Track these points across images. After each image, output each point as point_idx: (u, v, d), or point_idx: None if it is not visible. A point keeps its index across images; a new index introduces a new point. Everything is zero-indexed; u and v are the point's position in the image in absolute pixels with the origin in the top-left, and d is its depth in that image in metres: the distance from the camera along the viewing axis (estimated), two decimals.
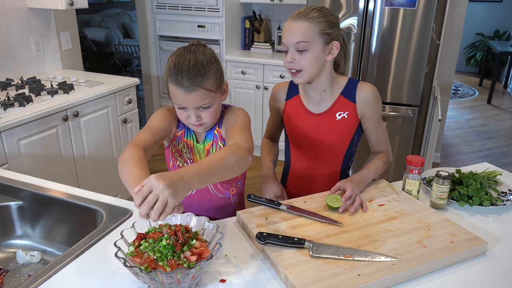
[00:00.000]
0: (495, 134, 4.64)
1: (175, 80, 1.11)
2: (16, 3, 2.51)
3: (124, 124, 2.67)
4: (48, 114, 2.10)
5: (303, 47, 1.22)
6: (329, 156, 1.40)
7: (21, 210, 1.35)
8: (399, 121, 3.08)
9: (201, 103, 1.13)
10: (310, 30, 1.21)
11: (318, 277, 0.91)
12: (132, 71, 5.34)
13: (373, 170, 1.35)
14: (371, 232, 1.09)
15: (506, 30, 7.04)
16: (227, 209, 1.36)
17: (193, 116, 1.16)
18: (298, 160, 1.46)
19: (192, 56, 1.12)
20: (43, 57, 2.75)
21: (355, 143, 1.41)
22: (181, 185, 0.86)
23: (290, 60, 1.24)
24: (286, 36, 1.24)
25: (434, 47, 3.22)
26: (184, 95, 1.11)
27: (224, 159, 0.98)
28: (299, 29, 1.21)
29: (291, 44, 1.23)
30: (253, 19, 3.83)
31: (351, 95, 1.33)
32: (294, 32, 1.22)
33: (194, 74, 1.10)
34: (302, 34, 1.21)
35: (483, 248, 1.05)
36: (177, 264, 0.85)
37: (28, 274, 1.21)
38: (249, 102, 3.54)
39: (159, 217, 0.84)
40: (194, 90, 1.10)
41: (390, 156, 1.43)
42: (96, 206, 1.24)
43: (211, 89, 1.13)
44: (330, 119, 1.35)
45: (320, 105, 1.35)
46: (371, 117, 1.34)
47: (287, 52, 1.25)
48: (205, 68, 1.11)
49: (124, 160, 1.03)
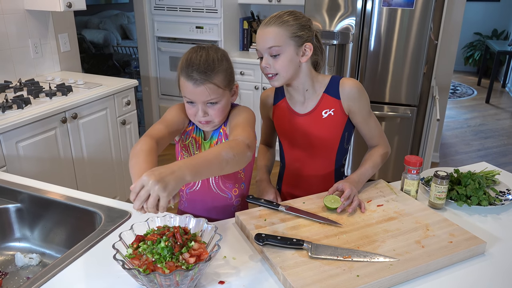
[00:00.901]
0: (494, 134, 4.65)
1: (186, 73, 1.15)
2: (14, 5, 2.51)
3: (122, 126, 2.67)
4: (47, 116, 2.10)
5: (276, 51, 1.25)
6: (321, 155, 1.42)
7: (19, 213, 1.35)
8: (398, 121, 3.08)
9: (209, 98, 1.16)
10: (280, 35, 1.24)
11: (317, 278, 0.91)
12: (130, 72, 5.34)
13: (370, 167, 1.36)
14: (369, 233, 1.09)
15: (504, 29, 7.06)
16: (229, 210, 1.36)
17: (200, 111, 1.18)
18: (292, 161, 1.47)
19: (204, 52, 1.17)
20: (41, 59, 2.75)
21: (346, 140, 1.42)
22: (171, 179, 0.87)
23: (265, 66, 1.28)
24: (259, 42, 1.27)
25: (432, 47, 3.22)
26: (193, 88, 1.15)
27: (220, 153, 0.99)
28: (270, 34, 1.24)
29: (264, 50, 1.26)
30: (251, 20, 3.83)
31: (334, 92, 1.34)
32: (265, 38, 1.25)
33: (204, 68, 1.14)
34: (273, 39, 1.24)
35: (481, 248, 1.05)
36: (175, 266, 0.85)
37: (26, 276, 1.21)
38: (247, 103, 3.54)
39: (156, 211, 0.87)
40: (203, 83, 1.14)
41: (387, 148, 1.44)
42: (94, 208, 1.24)
43: (220, 85, 1.16)
44: (316, 117, 1.36)
45: (305, 105, 1.38)
46: (358, 111, 1.35)
47: (262, 58, 1.28)
48: (215, 64, 1.16)
49: (134, 152, 1.05)
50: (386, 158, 1.43)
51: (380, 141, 1.43)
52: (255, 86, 3.51)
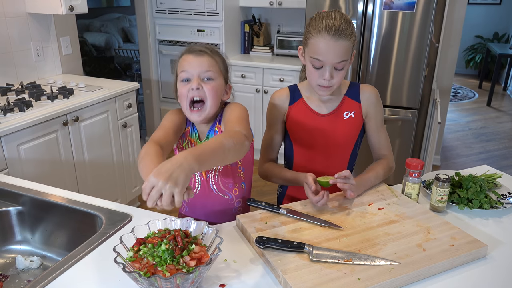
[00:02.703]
0: (495, 137, 4.64)
1: (188, 50, 1.23)
2: (16, 9, 2.52)
3: (124, 129, 2.68)
4: (48, 119, 2.10)
5: (342, 65, 1.25)
6: (336, 156, 1.43)
7: (20, 215, 1.35)
8: (399, 124, 3.08)
9: (206, 69, 1.20)
10: (349, 48, 1.25)
11: (317, 282, 0.91)
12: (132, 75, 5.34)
13: (373, 177, 1.36)
14: (370, 236, 1.09)
15: (505, 32, 7.06)
16: (230, 212, 1.35)
17: (194, 83, 1.18)
18: (303, 162, 1.46)
19: (203, 45, 1.26)
20: (43, 62, 2.75)
21: (358, 145, 1.44)
22: (180, 172, 0.87)
23: (329, 78, 1.25)
24: (327, 55, 1.22)
25: (433, 50, 3.22)
26: (193, 58, 1.21)
27: (222, 142, 1.00)
28: (341, 49, 1.22)
29: (332, 63, 1.24)
30: (253, 23, 3.84)
31: (355, 96, 1.38)
32: (336, 52, 1.22)
33: (205, 47, 1.24)
34: (343, 54, 1.23)
35: (483, 251, 1.05)
36: (176, 269, 0.85)
37: (27, 279, 1.21)
38: (248, 106, 3.54)
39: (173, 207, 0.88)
40: (203, 55, 1.21)
41: (391, 163, 1.45)
42: (95, 211, 1.24)
43: (218, 63, 1.24)
44: (338, 118, 1.38)
45: (327, 106, 1.39)
46: (374, 117, 1.39)
47: (322, 68, 1.25)
48: (213, 51, 1.25)
49: (141, 157, 1.08)
50: (389, 173, 1.43)
51: (387, 154, 1.44)
52: (256, 89, 3.51)
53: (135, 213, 1.24)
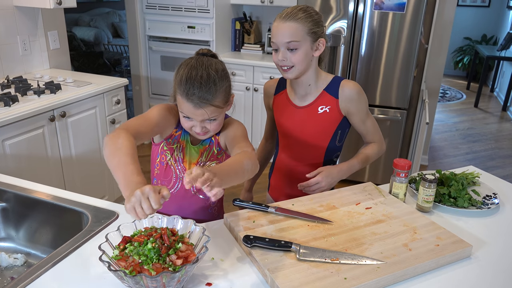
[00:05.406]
0: (482, 137, 4.70)
1: (185, 93, 1.13)
2: (3, 1, 2.47)
3: (112, 125, 2.65)
4: (35, 114, 2.07)
5: (293, 46, 1.30)
6: (311, 149, 1.46)
7: (4, 212, 1.32)
8: (388, 123, 3.10)
9: (208, 117, 1.17)
10: (299, 30, 1.29)
11: (304, 280, 0.91)
12: (121, 71, 5.30)
13: (358, 162, 1.43)
14: (357, 235, 1.10)
15: (493, 35, 7.15)
16: (206, 211, 1.37)
17: (198, 127, 1.19)
18: (284, 151, 1.53)
19: (204, 72, 1.13)
20: (30, 56, 2.71)
21: (339, 138, 1.46)
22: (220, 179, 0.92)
23: (282, 59, 1.32)
24: (277, 36, 1.31)
25: (422, 51, 3.25)
26: (192, 109, 1.14)
27: (243, 163, 1.06)
28: (289, 29, 1.29)
29: (282, 44, 1.31)
30: (244, 20, 3.82)
31: (334, 91, 1.40)
32: (284, 33, 1.29)
33: (204, 92, 1.12)
34: (292, 34, 1.29)
35: (467, 251, 1.06)
36: (162, 267, 0.85)
37: (11, 277, 1.19)
38: (239, 104, 3.54)
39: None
40: (203, 107, 1.13)
41: (382, 145, 1.51)
42: (81, 208, 1.23)
43: (220, 105, 1.17)
44: (312, 112, 1.41)
45: (304, 99, 1.43)
46: (356, 113, 1.41)
47: (277, 50, 1.33)
48: (216, 86, 1.14)
49: (117, 146, 1.00)
50: (380, 154, 1.50)
51: (375, 138, 1.49)
52: (247, 87, 3.50)
53: (121, 210, 1.22)
